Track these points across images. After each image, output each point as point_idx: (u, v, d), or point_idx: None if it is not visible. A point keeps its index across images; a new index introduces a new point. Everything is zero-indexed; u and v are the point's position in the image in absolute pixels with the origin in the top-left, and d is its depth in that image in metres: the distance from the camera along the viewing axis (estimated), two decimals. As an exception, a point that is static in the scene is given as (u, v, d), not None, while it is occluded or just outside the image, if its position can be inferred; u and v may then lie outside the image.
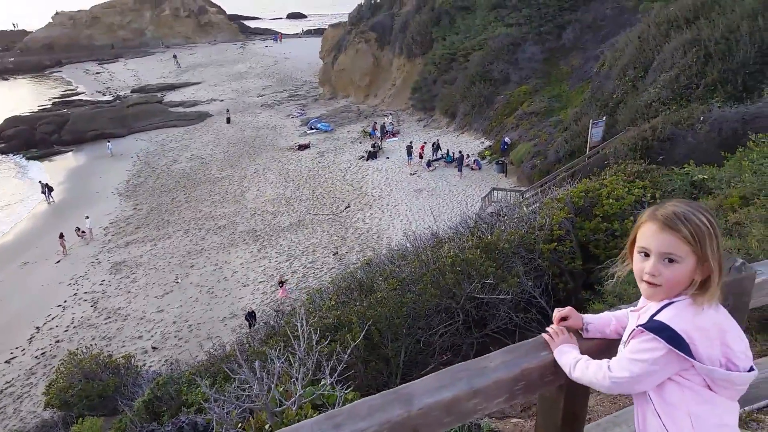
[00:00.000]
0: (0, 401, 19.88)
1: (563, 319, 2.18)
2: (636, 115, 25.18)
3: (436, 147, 37.80)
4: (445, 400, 1.69)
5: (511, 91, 39.00)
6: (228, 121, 52.14)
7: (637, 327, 1.92)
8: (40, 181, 40.28)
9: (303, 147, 43.69)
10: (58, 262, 30.11)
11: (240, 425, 2.95)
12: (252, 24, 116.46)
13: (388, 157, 39.49)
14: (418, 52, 49.18)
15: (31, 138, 51.45)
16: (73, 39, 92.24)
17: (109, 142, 48.32)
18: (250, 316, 21.63)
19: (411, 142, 38.87)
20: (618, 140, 23.91)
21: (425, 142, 38.33)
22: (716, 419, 1.87)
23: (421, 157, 36.85)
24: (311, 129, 47.96)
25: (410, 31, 50.27)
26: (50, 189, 39.17)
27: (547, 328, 2.14)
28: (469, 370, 1.82)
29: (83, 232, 32.46)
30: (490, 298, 7.38)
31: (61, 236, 30.85)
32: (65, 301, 26.11)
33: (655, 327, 1.85)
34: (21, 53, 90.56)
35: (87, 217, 33.05)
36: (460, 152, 35.52)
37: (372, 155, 39.74)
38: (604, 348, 2.06)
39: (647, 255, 1.90)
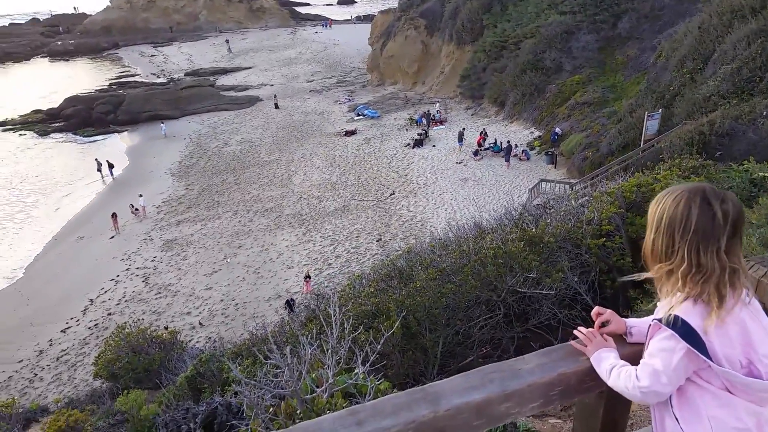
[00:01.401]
0: (56, 368, 20.90)
1: (603, 324, 2.05)
2: (693, 108, 24.14)
3: (484, 136, 37.25)
4: (475, 401, 1.62)
5: (564, 81, 37.97)
6: (276, 106, 52.71)
7: (653, 321, 1.83)
8: (96, 159, 41.73)
9: (350, 133, 43.80)
10: (112, 237, 31.23)
11: (271, 409, 2.96)
12: (303, 10, 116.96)
13: (434, 145, 39.18)
14: (468, 39, 48.40)
15: (89, 117, 53.23)
16: (130, 22, 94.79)
17: (162, 123, 49.61)
18: (289, 304, 21.84)
19: (463, 129, 38.37)
20: (674, 134, 23.04)
21: (483, 132, 37.57)
22: (737, 423, 1.74)
23: (480, 146, 36.16)
24: (358, 115, 48.01)
25: (460, 18, 49.48)
26: (111, 166, 40.56)
27: (577, 331, 2.02)
28: (501, 371, 1.74)
29: (137, 209, 33.53)
30: (533, 292, 7.22)
31: (114, 216, 31.94)
32: (118, 276, 27.08)
33: (669, 321, 1.74)
34: (81, 35, 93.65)
35: (140, 196, 34.13)
36: (508, 142, 34.90)
37: (418, 143, 39.50)
38: (645, 355, 1.94)
39: None
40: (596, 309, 2.09)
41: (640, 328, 2.04)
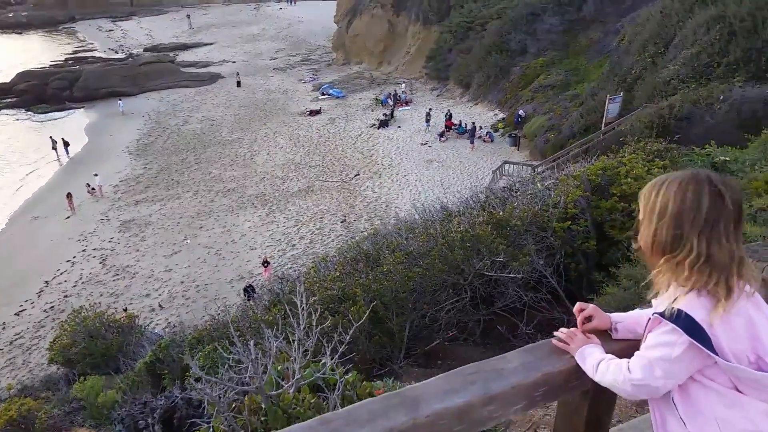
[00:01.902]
0: (10, 352, 20.18)
1: (587, 319, 1.95)
2: (654, 92, 24.57)
3: (448, 117, 37.23)
4: (457, 406, 1.50)
5: (528, 63, 38.14)
6: (238, 84, 51.53)
7: (653, 315, 1.72)
8: (51, 137, 40.12)
9: (314, 113, 43.21)
10: (68, 218, 30.20)
11: (234, 405, 2.81)
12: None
13: (399, 126, 39.01)
14: (435, 19, 48.08)
15: (43, 93, 51.09)
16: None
17: (120, 100, 48.01)
18: (247, 291, 21.43)
19: (430, 110, 38.21)
20: (634, 117, 23.42)
21: (448, 116, 37.35)
22: (748, 425, 1.63)
23: (449, 129, 36.02)
24: (323, 95, 47.37)
25: (428, -3, 49.12)
26: (66, 144, 39.06)
27: (558, 332, 1.92)
28: (483, 371, 1.61)
29: (93, 189, 32.46)
30: (500, 276, 7.19)
31: (69, 196, 30.82)
32: (74, 257, 26.25)
33: (672, 314, 1.64)
34: (34, 7, 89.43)
35: (95, 175, 33.00)
36: (473, 124, 34.98)
37: (384, 123, 39.25)
38: (636, 350, 1.84)
39: None
40: (578, 305, 1.99)
41: (627, 323, 1.95)
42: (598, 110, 27.14)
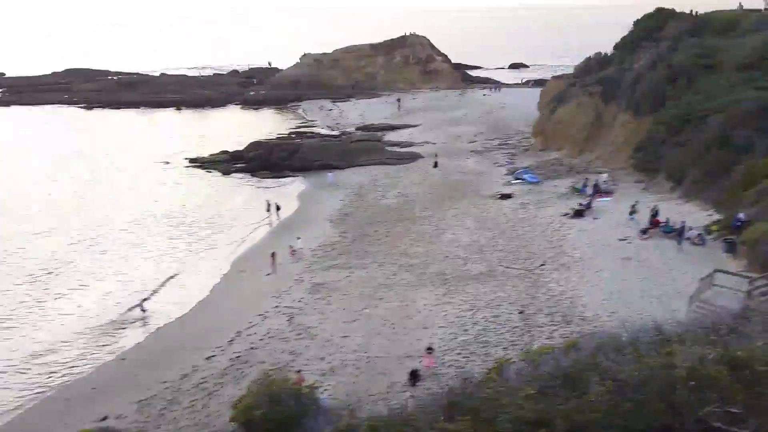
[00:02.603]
0: (194, 395, 22.12)
1: None
2: None
3: (655, 214, 34.14)
4: None
5: (755, 162, 33.80)
6: (435, 165, 53.47)
7: None
8: (267, 200, 45.29)
9: (505, 196, 42.91)
10: (269, 274, 33.19)
11: None
12: (474, 72, 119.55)
13: (596, 218, 36.81)
14: (647, 109, 45.48)
15: (267, 161, 58.29)
16: (315, 78, 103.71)
17: (330, 172, 52.81)
18: (414, 376, 21.01)
19: (637, 202, 35.71)
20: None
21: (655, 212, 34.26)
22: None
23: (654, 226, 33.20)
24: (517, 179, 47.00)
25: (641, 88, 46.87)
26: (278, 208, 43.84)
27: None
28: None
29: (294, 251, 35.48)
30: (733, 430, 5.88)
31: (273, 255, 34.02)
32: (267, 312, 28.47)
33: None
34: (271, 88, 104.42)
35: (298, 238, 36.19)
36: (682, 223, 31.65)
37: (578, 213, 37.40)
38: None
39: None
40: None
41: None
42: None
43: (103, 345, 27.18)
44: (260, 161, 58.28)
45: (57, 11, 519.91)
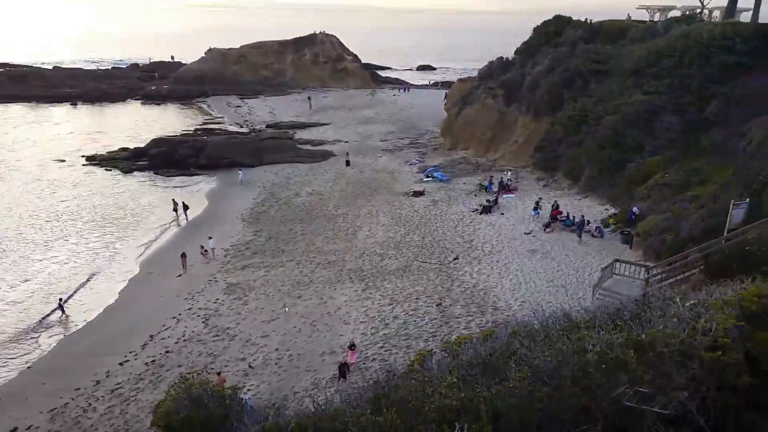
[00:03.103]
0: (110, 401, 21.05)
1: None
2: (789, 199, 22.67)
3: (555, 207, 36.38)
4: None
5: (644, 160, 36.87)
6: (347, 163, 53.71)
7: None
8: (173, 200, 43.49)
9: (418, 193, 43.94)
10: (179, 276, 31.98)
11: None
12: (383, 73, 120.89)
13: (503, 213, 38.61)
14: (546, 111, 48.27)
15: (172, 159, 55.83)
16: (221, 74, 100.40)
17: (240, 170, 51.51)
18: (342, 371, 21.09)
19: (540, 198, 37.68)
20: (763, 225, 21.60)
21: (555, 206, 36.68)
22: None
23: (556, 219, 35.31)
24: (427, 177, 48.26)
25: (540, 90, 49.63)
26: (186, 207, 42.16)
27: None
28: None
29: (206, 251, 34.38)
30: (644, 407, 6.42)
31: (183, 256, 32.83)
32: (180, 314, 27.49)
33: None
34: (174, 82, 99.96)
35: (210, 238, 35.09)
36: (582, 216, 33.90)
37: (486, 209, 39.06)
38: None
39: None
40: None
41: None
42: (720, 215, 25.38)
43: (11, 357, 25.09)
44: (164, 159, 55.76)
45: None
